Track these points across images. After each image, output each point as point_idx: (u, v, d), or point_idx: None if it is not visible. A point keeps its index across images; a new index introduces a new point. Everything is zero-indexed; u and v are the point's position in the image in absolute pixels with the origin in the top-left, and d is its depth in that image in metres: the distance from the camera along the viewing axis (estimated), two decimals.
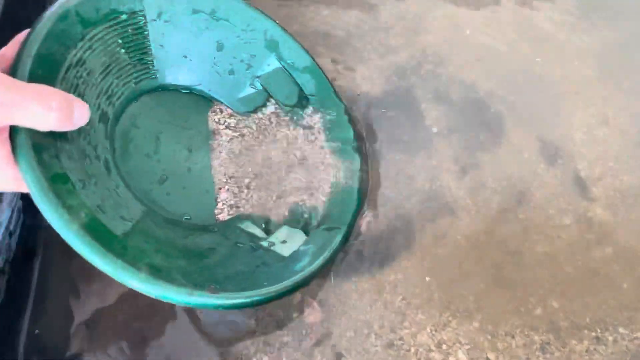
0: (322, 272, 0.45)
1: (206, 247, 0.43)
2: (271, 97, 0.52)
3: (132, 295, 0.47)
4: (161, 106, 0.48)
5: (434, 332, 0.47)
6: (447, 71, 0.61)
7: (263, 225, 0.47)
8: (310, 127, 0.52)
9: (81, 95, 0.39)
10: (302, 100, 0.52)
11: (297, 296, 0.48)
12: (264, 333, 0.47)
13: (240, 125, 0.51)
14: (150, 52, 0.46)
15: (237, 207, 0.48)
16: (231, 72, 0.51)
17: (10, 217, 0.46)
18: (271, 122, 0.52)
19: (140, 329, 0.46)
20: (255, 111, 0.52)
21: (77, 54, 0.39)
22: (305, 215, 0.48)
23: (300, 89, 0.52)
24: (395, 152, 0.56)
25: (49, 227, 0.49)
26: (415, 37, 0.63)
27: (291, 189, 0.49)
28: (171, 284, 0.35)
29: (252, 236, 0.45)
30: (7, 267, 0.46)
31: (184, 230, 0.43)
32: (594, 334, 0.48)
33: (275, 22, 0.51)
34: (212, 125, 0.51)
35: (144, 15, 0.44)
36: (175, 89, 0.49)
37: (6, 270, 0.46)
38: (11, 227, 0.46)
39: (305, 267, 0.42)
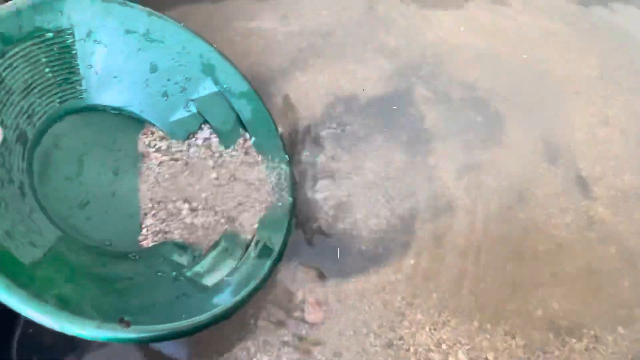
0: (324, 271, 0.46)
1: (124, 276, 0.41)
2: (206, 121, 0.51)
3: None
4: (88, 127, 0.47)
5: (433, 332, 0.47)
6: (447, 71, 0.61)
7: (190, 253, 0.45)
8: (244, 152, 0.51)
9: None
10: (238, 125, 0.51)
11: (298, 296, 0.48)
12: (264, 333, 0.47)
13: (172, 149, 0.50)
14: (77, 72, 0.45)
15: (164, 232, 0.46)
16: (164, 94, 0.50)
17: None
18: (203, 147, 0.51)
19: None
20: (187, 135, 0.51)
21: None
22: (236, 240, 0.47)
23: (237, 114, 0.51)
24: (395, 152, 0.56)
25: None
26: (416, 38, 0.63)
27: (222, 213, 0.48)
28: (78, 317, 0.33)
29: (176, 265, 0.44)
30: None
31: (102, 257, 0.42)
32: (593, 332, 0.48)
33: (211, 45, 0.50)
34: (141, 147, 0.50)
35: (72, 34, 0.43)
36: (104, 110, 0.48)
37: None
38: None
39: (227, 299, 0.41)
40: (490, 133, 0.57)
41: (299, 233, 0.51)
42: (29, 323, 0.46)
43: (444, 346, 0.47)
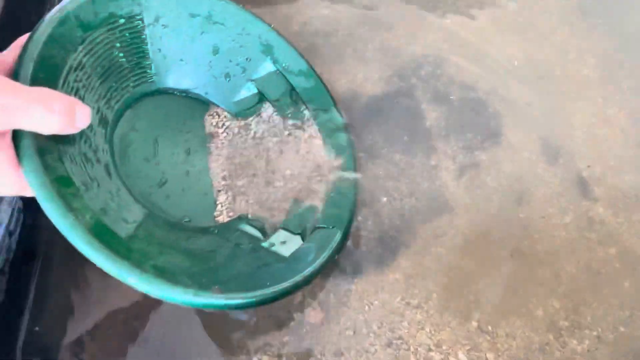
0: (324, 271, 0.46)
1: (208, 249, 0.43)
2: (267, 99, 0.52)
3: (133, 295, 0.47)
4: (159, 109, 0.48)
5: (433, 332, 0.47)
6: (447, 72, 0.61)
7: (264, 225, 0.47)
8: (305, 129, 0.52)
9: (81, 99, 0.39)
10: (298, 103, 0.52)
11: (298, 296, 0.48)
12: (264, 333, 0.47)
13: (237, 129, 0.52)
14: (148, 56, 0.46)
15: (236, 210, 0.48)
16: (227, 75, 0.51)
17: (11, 217, 0.47)
18: (267, 124, 0.52)
19: (140, 328, 0.46)
20: (251, 114, 0.52)
21: (77, 58, 0.39)
22: (304, 215, 0.48)
23: (295, 92, 0.52)
24: (395, 152, 0.56)
25: (49, 227, 0.50)
26: (416, 38, 0.63)
27: (289, 190, 0.49)
28: (177, 285, 0.35)
29: (252, 237, 0.46)
30: (7, 267, 0.46)
31: (184, 233, 0.43)
32: (595, 333, 0.48)
33: (269, 26, 0.51)
34: (209, 128, 0.51)
35: (141, 19, 0.45)
36: (172, 93, 0.50)
37: (6, 270, 0.46)
38: (11, 227, 0.47)
39: (307, 266, 0.42)
40: (490, 133, 0.57)
41: None
42: (34, 323, 0.46)
43: (444, 346, 0.47)
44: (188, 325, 0.47)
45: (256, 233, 0.46)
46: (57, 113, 0.30)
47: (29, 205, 0.48)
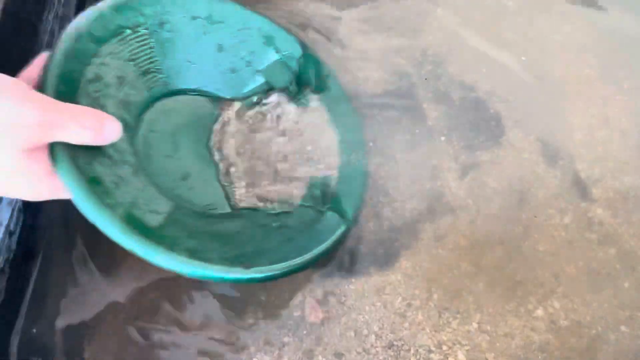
0: (325, 271, 0.49)
1: (234, 231, 0.46)
2: (274, 88, 0.54)
3: (133, 295, 0.47)
4: (174, 109, 0.51)
5: (433, 333, 0.47)
6: (448, 71, 0.61)
7: (283, 206, 0.50)
8: (313, 111, 0.54)
9: (103, 107, 0.42)
10: (304, 88, 0.55)
11: (298, 296, 0.48)
12: (265, 333, 0.47)
13: (248, 118, 0.54)
14: (157, 61, 0.49)
15: (254, 193, 0.50)
16: (233, 70, 0.54)
17: (10, 217, 0.46)
18: (277, 111, 0.54)
19: (140, 328, 0.46)
20: (260, 103, 0.54)
21: (94, 70, 0.42)
22: (318, 194, 0.50)
23: (300, 77, 0.55)
24: (396, 152, 0.56)
25: (49, 227, 0.50)
26: (416, 38, 0.63)
27: (302, 172, 0.51)
28: (210, 264, 0.39)
29: (274, 216, 0.49)
30: (7, 267, 0.46)
31: (211, 219, 0.47)
32: (595, 333, 0.48)
33: (266, 18, 0.54)
34: (223, 120, 0.53)
35: (146, 28, 0.47)
36: (185, 92, 0.52)
37: (6, 270, 0.46)
38: (11, 227, 0.46)
39: (325, 239, 0.46)
40: (490, 134, 0.57)
41: None
42: (34, 323, 0.46)
43: (444, 347, 0.47)
44: (189, 325, 0.47)
45: (276, 212, 0.49)
46: (88, 128, 0.35)
47: (29, 205, 0.48)
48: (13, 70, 0.37)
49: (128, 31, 0.46)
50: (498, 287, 0.50)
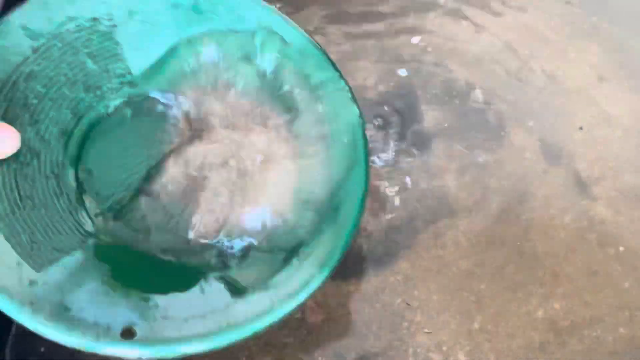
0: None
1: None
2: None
3: None
4: (139, 116, 0.44)
5: (433, 333, 0.47)
6: (448, 71, 0.61)
7: (241, 241, 0.42)
8: (313, 103, 0.47)
9: (34, 111, 0.36)
10: (303, 80, 0.47)
11: None
12: (265, 334, 0.47)
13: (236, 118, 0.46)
14: (122, 58, 0.41)
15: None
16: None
17: None
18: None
19: None
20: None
21: (27, 68, 0.36)
22: (311, 203, 0.43)
23: (302, 67, 0.47)
24: (396, 152, 0.56)
25: None
26: (417, 38, 0.63)
27: (280, 184, 0.44)
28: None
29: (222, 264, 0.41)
30: None
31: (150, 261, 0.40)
32: (595, 333, 0.48)
33: (268, 7, 0.45)
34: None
35: (109, 19, 0.40)
36: (153, 97, 0.44)
37: None
38: None
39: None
40: (490, 133, 0.57)
41: None
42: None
43: (444, 347, 0.47)
44: None
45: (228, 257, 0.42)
46: None
47: None
48: None
49: (85, 23, 0.38)
50: (498, 287, 0.50)
